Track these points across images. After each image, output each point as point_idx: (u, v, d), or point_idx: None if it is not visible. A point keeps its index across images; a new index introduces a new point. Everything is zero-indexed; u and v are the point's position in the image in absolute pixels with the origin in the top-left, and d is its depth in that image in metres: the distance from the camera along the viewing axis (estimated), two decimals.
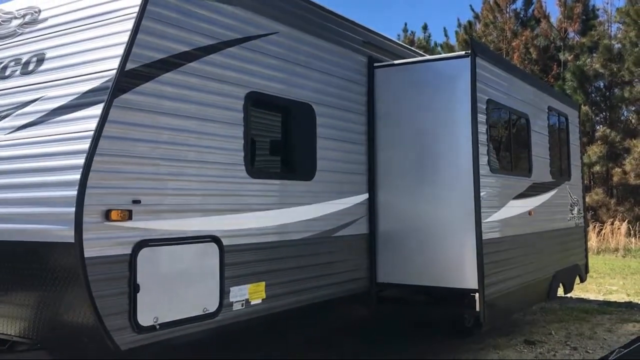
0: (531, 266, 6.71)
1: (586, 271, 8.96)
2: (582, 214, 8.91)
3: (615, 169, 21.54)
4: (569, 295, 8.89)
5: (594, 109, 22.64)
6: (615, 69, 21.47)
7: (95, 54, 3.80)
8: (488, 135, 5.75)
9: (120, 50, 3.65)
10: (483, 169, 5.55)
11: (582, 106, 20.18)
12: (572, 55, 22.99)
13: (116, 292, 3.52)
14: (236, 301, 4.33)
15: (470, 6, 27.24)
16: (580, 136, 9.44)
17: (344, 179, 5.56)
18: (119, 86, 3.59)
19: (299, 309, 4.94)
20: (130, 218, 3.60)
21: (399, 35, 28.92)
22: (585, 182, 20.11)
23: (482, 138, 5.59)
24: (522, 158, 6.86)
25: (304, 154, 5.16)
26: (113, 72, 3.60)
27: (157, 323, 3.72)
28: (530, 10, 25.41)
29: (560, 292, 7.97)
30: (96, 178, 3.43)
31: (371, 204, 5.86)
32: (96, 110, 3.53)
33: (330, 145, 5.37)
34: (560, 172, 8.03)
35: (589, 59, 22.32)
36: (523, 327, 7.54)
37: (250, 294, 4.45)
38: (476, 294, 5.41)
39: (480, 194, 5.41)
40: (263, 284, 4.58)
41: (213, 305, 4.13)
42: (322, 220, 5.24)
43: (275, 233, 4.75)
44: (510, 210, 6.21)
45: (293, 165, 5.11)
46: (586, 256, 8.98)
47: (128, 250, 3.60)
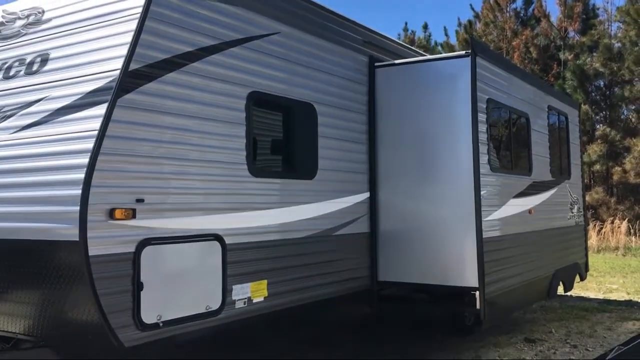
0: (531, 264, 6.74)
1: (586, 270, 8.99)
2: (582, 213, 8.94)
3: (615, 168, 21.57)
4: (569, 293, 8.91)
5: (594, 108, 22.66)
6: (615, 68, 21.49)
7: (99, 54, 3.83)
8: (488, 134, 5.78)
9: (123, 50, 3.69)
10: (483, 168, 5.58)
11: (582, 105, 20.22)
12: (572, 55, 23.01)
13: (120, 290, 3.56)
14: (238, 299, 4.36)
15: (471, 5, 27.33)
16: (580, 135, 9.47)
17: (345, 178, 5.59)
18: (123, 86, 3.62)
19: (301, 307, 4.98)
20: (133, 217, 3.63)
21: (400, 35, 28.95)
22: (586, 181, 20.17)
23: (483, 137, 5.62)
24: (522, 157, 6.90)
25: (306, 153, 5.19)
26: (117, 72, 3.64)
27: (161, 321, 3.76)
28: (531, 10, 25.43)
29: (560, 291, 8.00)
30: (100, 177, 3.46)
31: (372, 203, 5.90)
32: (100, 110, 3.57)
33: (331, 144, 5.40)
34: (560, 171, 8.06)
35: (589, 58, 22.33)
36: (523, 326, 7.57)
37: (252, 292, 4.49)
38: (476, 292, 5.45)
39: (480, 192, 5.45)
40: (265, 282, 4.62)
41: (216, 303, 4.16)
42: (324, 219, 5.28)
43: (277, 231, 4.78)
44: (511, 209, 6.24)
45: (295, 164, 5.14)
46: (586, 255, 9.00)
47: (132, 248, 3.64)
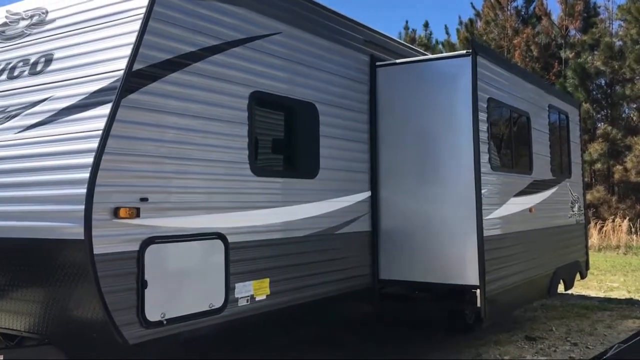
0: (532, 263, 6.77)
1: (587, 268, 9.01)
2: (583, 211, 8.97)
3: (617, 167, 21.60)
4: (570, 292, 8.94)
5: (595, 106, 22.67)
6: (616, 66, 21.51)
7: (103, 55, 3.86)
8: (489, 133, 5.81)
9: (127, 50, 3.72)
10: (484, 167, 5.61)
11: (584, 104, 20.26)
12: (574, 53, 23.02)
13: (124, 288, 3.59)
14: (241, 297, 4.40)
15: (472, 4, 27.27)
16: (581, 134, 9.49)
17: (346, 177, 5.62)
18: (127, 86, 3.65)
19: (303, 305, 5.01)
20: (138, 215, 3.67)
21: (400, 33, 28.95)
22: (587, 180, 20.20)
23: (483, 136, 5.65)
24: (523, 156, 6.92)
25: (308, 152, 5.22)
26: (121, 73, 3.67)
27: (164, 318, 3.79)
28: (532, 8, 25.44)
29: (561, 289, 8.03)
30: (105, 176, 3.50)
31: (373, 202, 5.93)
32: (104, 110, 3.60)
33: (333, 143, 5.43)
34: (560, 170, 8.09)
35: (590, 57, 22.35)
36: (524, 324, 7.61)
37: (255, 290, 4.52)
38: (477, 290, 5.48)
39: (481, 191, 5.48)
40: (267, 280, 4.65)
41: (219, 301, 4.20)
42: (325, 217, 5.31)
43: (279, 230, 4.82)
44: (511, 208, 6.27)
45: (296, 163, 5.17)
46: (586, 253, 9.03)
47: (136, 247, 3.67)
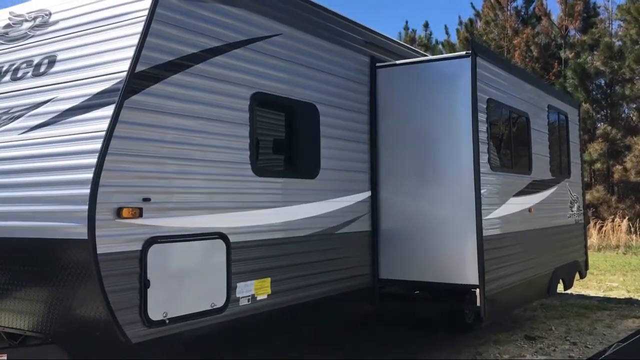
0: (531, 262, 6.80)
1: (586, 267, 9.04)
2: (582, 211, 9.00)
3: (616, 167, 21.64)
4: (570, 291, 8.98)
5: (594, 106, 22.70)
6: (616, 66, 21.54)
7: (106, 57, 3.90)
8: (488, 133, 5.85)
9: (130, 52, 3.76)
10: (483, 167, 5.65)
11: (583, 104, 20.28)
12: (573, 53, 23.05)
13: (127, 288, 3.63)
14: (242, 296, 4.43)
15: (471, 4, 27.28)
16: (580, 134, 9.52)
17: (347, 177, 5.66)
18: (130, 88, 3.69)
19: (304, 305, 5.04)
20: (140, 216, 3.70)
21: (400, 33, 28.96)
22: (586, 180, 20.23)
23: (483, 136, 5.69)
24: (522, 156, 6.96)
25: (308, 152, 5.26)
26: (124, 74, 3.70)
27: (167, 317, 3.83)
28: (531, 8, 25.47)
29: (560, 289, 8.06)
30: (108, 177, 3.53)
31: (373, 202, 5.96)
32: (108, 111, 3.64)
33: (333, 144, 5.47)
34: (560, 170, 8.12)
35: (589, 57, 22.38)
36: (523, 323, 7.64)
37: (256, 290, 4.56)
38: (477, 290, 5.51)
39: (480, 191, 5.51)
40: (268, 279, 4.69)
41: (220, 301, 4.24)
42: (326, 217, 5.34)
43: (280, 230, 4.85)
44: (511, 208, 6.30)
45: (297, 163, 5.20)
46: (586, 253, 9.06)
47: (138, 246, 3.71)
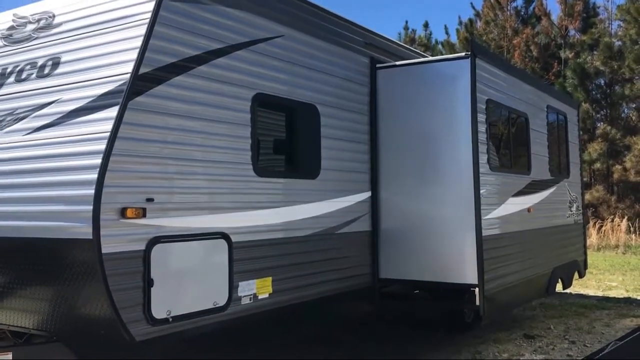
0: (530, 262, 6.85)
1: (585, 267, 9.08)
2: (581, 211, 9.04)
3: (616, 166, 21.69)
4: (569, 291, 9.03)
5: (594, 106, 22.75)
6: (615, 66, 21.58)
7: (110, 58, 3.95)
8: (488, 134, 5.89)
9: (134, 54, 3.80)
10: (483, 167, 5.69)
11: (583, 104, 20.32)
12: (573, 53, 23.11)
13: (131, 286, 3.68)
14: (244, 295, 4.49)
15: (471, 4, 27.33)
16: (580, 134, 9.56)
17: (347, 178, 5.71)
18: (133, 89, 3.74)
19: (304, 304, 5.09)
20: (144, 216, 3.75)
21: (400, 33, 29.02)
22: (586, 180, 20.27)
23: (482, 137, 5.73)
24: (521, 156, 7.00)
25: (309, 153, 5.30)
26: (127, 76, 3.75)
27: (170, 316, 3.88)
28: (531, 8, 25.53)
29: (559, 288, 8.11)
30: (112, 177, 3.58)
31: (374, 202, 6.01)
32: (112, 112, 3.69)
33: (334, 144, 5.51)
34: (559, 170, 8.16)
35: (589, 57, 22.43)
36: (523, 322, 7.69)
37: (257, 289, 4.61)
38: (476, 289, 5.56)
39: (480, 191, 5.56)
40: (270, 279, 4.74)
41: (223, 299, 4.29)
42: (327, 217, 5.39)
43: (281, 230, 4.91)
44: (510, 208, 6.35)
45: (298, 164, 5.25)
46: (585, 252, 9.10)
47: (142, 246, 3.76)
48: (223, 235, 4.32)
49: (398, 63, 6.24)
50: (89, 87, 3.94)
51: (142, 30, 3.87)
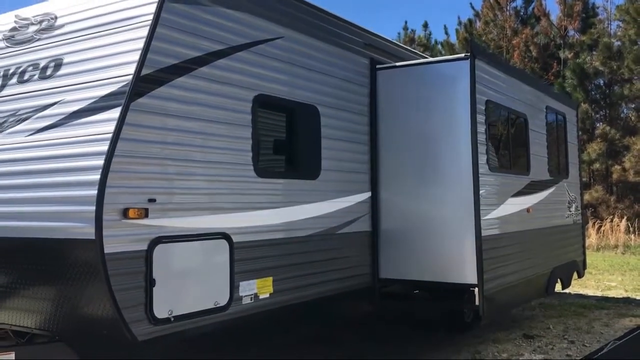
0: (529, 262, 6.87)
1: (584, 267, 9.11)
2: (580, 211, 9.07)
3: (615, 167, 21.71)
4: (568, 291, 9.05)
5: (593, 106, 22.79)
6: (614, 66, 21.61)
7: (112, 60, 3.97)
8: (487, 134, 5.92)
9: (136, 56, 3.83)
10: (482, 168, 5.72)
11: (582, 104, 20.35)
12: (572, 53, 23.14)
13: (134, 286, 3.71)
14: (245, 295, 4.51)
15: (471, 4, 27.41)
16: (579, 134, 9.59)
17: (347, 178, 5.73)
18: (136, 90, 3.76)
19: (305, 304, 5.12)
20: (146, 216, 3.78)
21: (400, 34, 29.07)
22: (585, 180, 20.29)
23: (481, 138, 5.76)
24: (521, 157, 7.03)
25: (309, 153, 5.33)
26: (129, 77, 3.78)
27: (172, 315, 3.91)
28: (530, 8, 25.58)
29: (558, 288, 8.13)
30: (115, 178, 3.61)
31: (374, 202, 6.04)
32: (114, 113, 3.71)
33: (334, 145, 5.54)
34: (558, 170, 8.19)
35: (588, 57, 22.47)
36: (522, 322, 7.71)
37: (258, 289, 4.63)
38: (476, 289, 5.59)
39: (479, 192, 5.58)
40: (270, 279, 4.76)
41: (224, 299, 4.31)
42: (327, 217, 5.42)
43: (282, 230, 4.93)
44: (509, 208, 6.38)
45: (298, 164, 5.27)
46: (584, 252, 9.13)
47: (144, 246, 3.79)
48: (224, 236, 4.35)
49: (398, 64, 6.26)
50: (91, 89, 3.97)
51: (144, 31, 3.90)
